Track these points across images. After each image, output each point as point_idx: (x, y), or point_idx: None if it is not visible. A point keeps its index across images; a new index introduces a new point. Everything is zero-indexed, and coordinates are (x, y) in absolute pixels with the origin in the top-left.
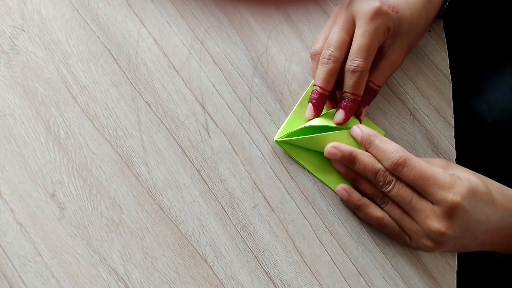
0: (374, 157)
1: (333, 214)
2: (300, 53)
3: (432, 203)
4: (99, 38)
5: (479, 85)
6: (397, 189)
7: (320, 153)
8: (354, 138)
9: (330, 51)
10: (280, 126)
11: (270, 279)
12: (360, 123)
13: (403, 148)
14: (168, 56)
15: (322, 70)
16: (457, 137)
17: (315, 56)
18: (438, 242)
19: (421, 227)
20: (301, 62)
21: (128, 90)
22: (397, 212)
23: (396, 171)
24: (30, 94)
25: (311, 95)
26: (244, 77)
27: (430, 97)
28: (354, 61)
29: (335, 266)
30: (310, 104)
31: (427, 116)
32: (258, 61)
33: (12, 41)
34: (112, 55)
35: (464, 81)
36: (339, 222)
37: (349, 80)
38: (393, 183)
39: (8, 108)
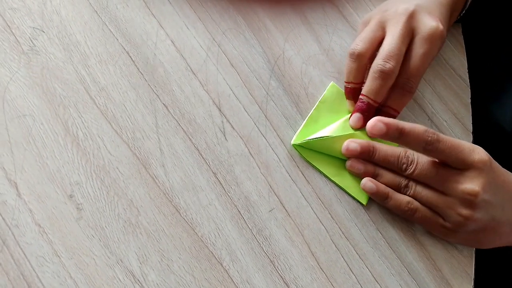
0: (408, 142)
1: (350, 220)
2: (317, 56)
3: (461, 169)
4: (117, 39)
5: (499, 92)
6: (421, 166)
7: (337, 158)
8: (370, 137)
9: (391, 66)
10: (297, 129)
11: (286, 284)
12: None
13: (424, 127)
14: (186, 58)
15: (379, 84)
16: (475, 143)
17: (357, 57)
18: (473, 205)
19: (453, 197)
20: (318, 65)
21: (145, 92)
22: (425, 193)
23: (430, 150)
24: (49, 95)
25: (358, 104)
26: (261, 80)
27: (448, 102)
28: (409, 82)
29: (351, 272)
30: (360, 115)
31: (445, 121)
32: (275, 64)
33: (32, 42)
34: (130, 57)
35: (484, 87)
36: (356, 227)
37: (397, 98)
38: (415, 161)
39: (28, 109)
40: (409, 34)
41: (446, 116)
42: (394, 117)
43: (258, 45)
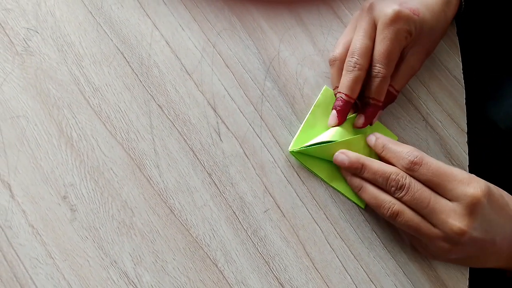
0: (389, 160)
1: (345, 220)
2: (312, 56)
3: (451, 200)
4: (112, 40)
5: (494, 91)
6: (413, 192)
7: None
8: (368, 145)
9: (355, 59)
10: (292, 130)
11: (281, 284)
12: (371, 125)
13: (417, 149)
14: (181, 59)
15: (347, 78)
16: (470, 143)
17: (334, 62)
18: (457, 243)
19: (440, 230)
20: (313, 66)
21: (140, 93)
22: (411, 218)
23: (413, 170)
24: (43, 96)
25: (335, 102)
26: (256, 80)
27: (443, 103)
28: (375, 67)
29: (346, 273)
30: (334, 112)
31: (440, 121)
32: (270, 64)
33: (26, 43)
34: (125, 58)
35: (478, 87)
36: (351, 228)
37: (371, 86)
38: (406, 186)
39: (21, 110)
40: (372, 26)
41: (441, 116)
42: (377, 107)
43: (253, 46)
